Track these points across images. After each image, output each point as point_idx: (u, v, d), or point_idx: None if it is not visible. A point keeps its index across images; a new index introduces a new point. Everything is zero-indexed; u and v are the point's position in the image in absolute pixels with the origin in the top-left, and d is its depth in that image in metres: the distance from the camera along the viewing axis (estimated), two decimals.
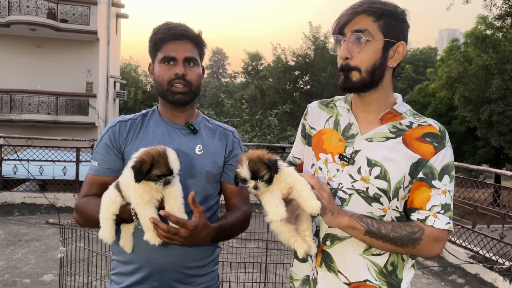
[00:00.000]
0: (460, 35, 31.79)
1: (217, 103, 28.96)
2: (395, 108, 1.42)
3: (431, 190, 1.34)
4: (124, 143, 1.65)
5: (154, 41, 1.66)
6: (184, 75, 1.62)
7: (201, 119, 1.78)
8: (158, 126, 1.69)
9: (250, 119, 14.98)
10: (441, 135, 1.37)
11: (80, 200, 1.64)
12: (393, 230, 1.33)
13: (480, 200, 5.75)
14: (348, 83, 1.39)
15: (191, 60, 1.65)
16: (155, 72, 1.68)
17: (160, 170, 1.36)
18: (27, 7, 16.93)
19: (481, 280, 5.15)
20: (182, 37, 1.64)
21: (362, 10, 1.35)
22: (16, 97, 17.39)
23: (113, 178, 1.58)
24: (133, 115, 1.74)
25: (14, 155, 7.94)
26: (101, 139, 1.68)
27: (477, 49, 19.13)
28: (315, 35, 26.74)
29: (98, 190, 1.62)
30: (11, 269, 4.99)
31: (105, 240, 1.52)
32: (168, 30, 1.63)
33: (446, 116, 24.02)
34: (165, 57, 1.63)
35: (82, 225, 1.73)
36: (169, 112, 1.71)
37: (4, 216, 7.12)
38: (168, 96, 1.64)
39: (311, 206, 1.26)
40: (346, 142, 1.44)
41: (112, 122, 1.72)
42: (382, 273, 1.40)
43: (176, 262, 1.60)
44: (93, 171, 1.66)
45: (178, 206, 1.42)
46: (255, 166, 1.29)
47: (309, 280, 1.49)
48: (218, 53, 73.78)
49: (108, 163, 1.64)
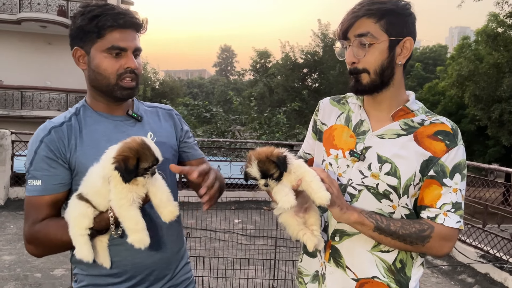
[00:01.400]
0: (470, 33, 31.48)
1: (225, 101, 29.03)
2: (407, 106, 1.42)
3: (442, 188, 1.33)
4: (68, 151, 1.42)
5: (95, 25, 1.41)
6: (135, 69, 1.47)
7: (139, 104, 1.62)
8: (99, 123, 1.50)
9: (258, 117, 14.98)
10: (454, 133, 1.36)
11: (34, 228, 1.39)
12: (402, 227, 1.32)
13: (490, 199, 5.70)
14: (359, 86, 1.39)
15: (138, 51, 1.49)
16: (95, 63, 1.44)
17: (147, 162, 1.26)
18: (37, 4, 17.11)
19: (491, 279, 5.11)
20: (131, 25, 1.45)
21: (362, 14, 1.34)
22: (27, 93, 17.59)
23: (64, 193, 1.42)
24: (63, 117, 1.50)
25: (26, 151, 8.02)
26: (35, 153, 1.42)
27: (488, 47, 18.96)
28: (324, 32, 26.63)
29: (49, 211, 1.41)
30: (22, 263, 5.05)
31: (86, 259, 1.33)
32: (116, 15, 1.42)
33: (456, 114, 23.82)
34: (114, 47, 1.42)
35: (41, 255, 1.46)
36: (105, 105, 1.52)
37: (16, 211, 7.20)
38: (116, 92, 1.46)
39: (321, 197, 1.26)
40: (357, 138, 1.44)
41: (42, 130, 1.44)
42: (391, 270, 1.40)
43: (163, 259, 1.53)
44: (38, 192, 1.40)
45: (167, 196, 1.33)
46: (265, 166, 1.29)
47: (318, 276, 1.50)
48: (227, 51, 73.84)
49: (57, 178, 1.41)
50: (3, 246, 5.59)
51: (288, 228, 1.42)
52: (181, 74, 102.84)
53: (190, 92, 44.29)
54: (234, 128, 15.09)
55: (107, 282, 1.48)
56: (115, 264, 1.46)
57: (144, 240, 1.30)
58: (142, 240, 1.29)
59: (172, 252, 1.59)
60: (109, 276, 1.47)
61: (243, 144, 11.39)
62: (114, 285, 1.48)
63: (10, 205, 7.51)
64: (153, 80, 37.82)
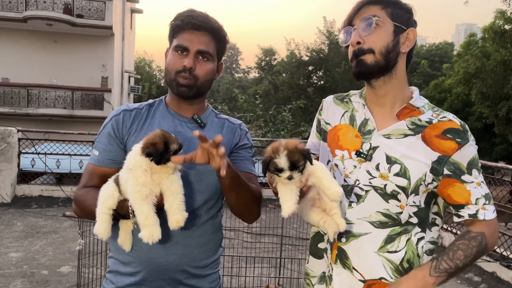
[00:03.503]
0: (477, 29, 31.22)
1: (230, 98, 28.99)
2: (411, 103, 1.40)
3: (464, 185, 1.33)
4: (127, 134, 1.56)
5: (173, 27, 1.58)
6: (191, 69, 1.53)
7: (210, 113, 1.70)
8: (164, 118, 1.61)
9: (263, 115, 14.95)
10: (463, 130, 1.35)
11: (79, 191, 1.56)
12: (466, 256, 1.32)
13: (497, 198, 5.66)
14: (362, 66, 1.37)
15: (204, 54, 1.55)
16: (167, 58, 1.60)
17: (175, 144, 1.32)
18: (43, 2, 17.16)
19: (497, 278, 5.08)
20: (201, 27, 1.54)
21: (368, 2, 1.38)
22: (33, 91, 17.67)
23: (114, 170, 1.52)
24: (139, 104, 1.65)
25: (32, 149, 8.07)
26: (104, 127, 1.59)
27: (496, 44, 18.79)
28: (329, 30, 26.53)
29: (98, 182, 1.53)
30: (29, 260, 5.09)
31: (100, 236, 1.43)
32: (187, 18, 1.54)
33: (462, 112, 23.68)
34: (178, 46, 1.54)
35: (80, 216, 1.65)
36: (176, 103, 1.63)
37: (23, 209, 7.25)
38: (173, 87, 1.57)
39: (333, 193, 1.24)
40: (363, 138, 1.42)
41: (116, 110, 1.62)
42: (398, 271, 1.38)
43: (177, 261, 1.52)
44: (94, 161, 1.57)
45: (178, 204, 1.33)
46: (294, 157, 1.26)
47: (325, 277, 1.48)
48: (232, 48, 73.73)
49: (110, 154, 1.55)
50: (10, 243, 5.63)
51: (309, 220, 1.41)
52: None
53: None
54: None
55: (125, 270, 1.55)
56: (133, 252, 1.52)
57: (154, 236, 1.31)
58: (152, 235, 1.31)
59: (193, 259, 1.56)
60: (127, 264, 1.55)
61: None
62: (131, 275, 1.54)
63: (17, 202, 7.57)
64: (158, 77, 37.89)
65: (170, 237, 1.49)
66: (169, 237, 1.48)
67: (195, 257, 1.56)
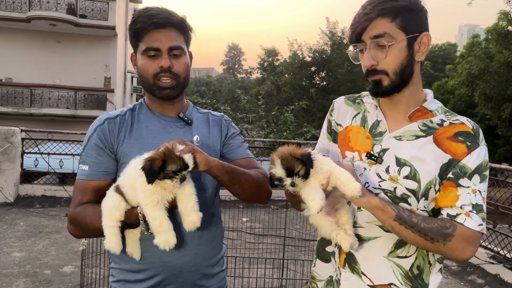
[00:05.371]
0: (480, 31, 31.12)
1: (232, 99, 29.03)
2: (425, 106, 1.37)
3: (457, 189, 1.28)
4: (116, 142, 1.51)
5: (135, 30, 1.52)
6: (170, 68, 1.49)
7: (192, 109, 1.68)
8: (150, 121, 1.57)
9: (266, 115, 14.96)
10: (475, 134, 1.32)
11: (75, 210, 1.48)
12: (424, 221, 1.25)
13: (501, 200, 5.64)
14: (379, 89, 1.34)
15: (177, 50, 1.51)
16: (138, 65, 1.54)
17: (174, 165, 1.27)
18: (47, 2, 17.21)
19: (501, 280, 5.06)
20: (165, 24, 1.49)
21: (376, 15, 1.28)
22: (36, 91, 17.71)
23: (108, 182, 1.49)
24: (120, 111, 1.60)
25: (35, 149, 8.09)
26: (89, 140, 1.52)
27: (499, 46, 18.78)
28: (332, 30, 26.52)
29: (93, 197, 1.48)
30: (32, 260, 5.09)
31: (113, 251, 1.39)
32: (149, 18, 1.48)
33: (465, 113, 23.39)
34: (148, 48, 1.49)
35: (79, 236, 1.56)
36: (158, 105, 1.59)
37: (26, 208, 7.26)
38: (155, 92, 1.52)
39: (351, 188, 1.20)
40: (374, 140, 1.39)
41: (98, 120, 1.56)
42: (408, 277, 1.34)
43: (192, 261, 1.52)
44: (85, 176, 1.50)
45: (193, 205, 1.33)
46: (289, 163, 1.23)
47: (333, 281, 1.45)
48: (234, 49, 73.82)
49: (102, 166, 1.50)
50: (13, 243, 5.64)
51: (320, 229, 1.37)
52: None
53: (197, 90, 44.26)
54: (241, 126, 15.10)
55: (135, 278, 1.52)
56: (144, 259, 1.49)
57: (169, 242, 1.31)
58: (167, 241, 1.30)
59: (205, 257, 1.57)
60: (138, 272, 1.51)
61: (250, 143, 11.39)
62: (143, 281, 1.51)
63: (20, 202, 7.58)
64: None
65: (182, 238, 1.49)
66: (181, 238, 1.47)
67: (207, 255, 1.58)
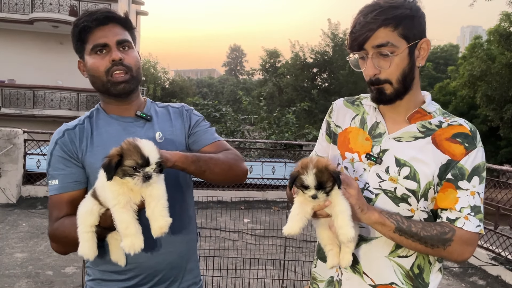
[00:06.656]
0: (482, 32, 31.11)
1: (234, 100, 29.07)
2: (423, 108, 1.39)
3: (457, 191, 1.30)
4: (80, 152, 1.48)
5: (78, 33, 1.48)
6: (121, 60, 1.45)
7: (150, 104, 1.64)
8: (109, 125, 1.53)
9: (267, 117, 14.97)
10: (472, 135, 1.33)
11: (53, 226, 1.44)
12: (424, 229, 1.28)
13: (502, 201, 5.64)
14: (383, 97, 1.35)
15: (125, 43, 1.49)
16: (87, 67, 1.50)
17: (133, 160, 1.19)
18: (49, 4, 17.29)
19: (502, 282, 5.05)
20: (107, 20, 1.48)
21: (378, 26, 1.28)
22: (38, 93, 17.79)
23: (81, 191, 1.45)
24: (77, 120, 1.56)
25: (38, 150, 8.11)
26: (52, 154, 1.49)
27: (501, 47, 18.76)
28: (333, 32, 26.54)
29: (68, 209, 1.44)
30: (34, 261, 5.11)
31: (86, 257, 1.32)
32: (90, 17, 1.46)
33: (467, 115, 23.58)
34: (96, 46, 1.46)
35: (64, 252, 1.49)
36: (115, 107, 1.55)
37: (28, 209, 7.29)
38: (110, 89, 1.48)
39: (343, 233, 1.22)
40: (373, 141, 1.41)
41: (58, 132, 1.53)
42: (409, 276, 1.36)
43: (166, 260, 1.51)
44: (56, 190, 1.46)
45: (161, 210, 1.24)
46: (323, 177, 1.22)
47: (334, 282, 1.46)
48: (236, 50, 73.88)
49: (72, 176, 1.46)
50: (15, 244, 5.66)
51: (320, 240, 1.39)
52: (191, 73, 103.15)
53: (199, 92, 44.38)
54: (243, 127, 15.11)
55: (112, 278, 1.51)
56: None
57: (135, 246, 1.24)
58: (133, 245, 1.24)
59: (179, 255, 1.57)
60: (114, 272, 1.50)
61: (252, 144, 11.41)
62: (119, 281, 1.50)
63: (22, 203, 7.60)
64: (163, 79, 38.02)
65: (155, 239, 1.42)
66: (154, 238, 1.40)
67: (181, 252, 1.56)
